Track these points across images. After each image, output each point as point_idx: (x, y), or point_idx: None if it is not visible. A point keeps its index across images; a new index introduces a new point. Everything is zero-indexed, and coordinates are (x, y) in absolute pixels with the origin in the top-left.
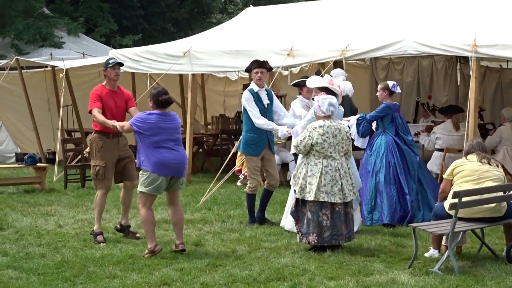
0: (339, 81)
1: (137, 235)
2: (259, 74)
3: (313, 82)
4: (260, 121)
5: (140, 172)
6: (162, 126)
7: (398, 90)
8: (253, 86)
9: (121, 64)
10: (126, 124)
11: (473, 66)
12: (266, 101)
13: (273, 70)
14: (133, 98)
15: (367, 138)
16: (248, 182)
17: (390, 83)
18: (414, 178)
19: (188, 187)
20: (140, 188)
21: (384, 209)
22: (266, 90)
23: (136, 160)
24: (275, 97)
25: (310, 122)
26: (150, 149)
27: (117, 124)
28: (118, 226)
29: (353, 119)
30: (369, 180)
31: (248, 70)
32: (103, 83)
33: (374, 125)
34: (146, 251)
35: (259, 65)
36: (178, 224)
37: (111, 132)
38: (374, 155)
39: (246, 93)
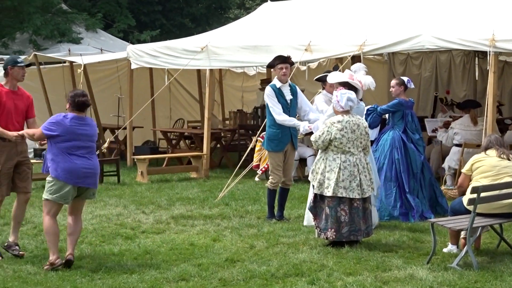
0: (360, 75)
1: (21, 253)
2: (284, 70)
3: (334, 77)
4: (282, 118)
5: (47, 178)
6: (77, 132)
7: (412, 85)
8: (275, 81)
9: (28, 66)
10: (37, 131)
11: (491, 61)
12: (289, 96)
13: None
14: (33, 105)
15: (376, 129)
16: (270, 177)
17: (405, 79)
18: (416, 177)
19: (206, 182)
20: (45, 195)
21: (381, 206)
22: (290, 85)
23: (42, 165)
24: (300, 93)
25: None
26: (61, 154)
27: (24, 132)
28: (6, 244)
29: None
30: None
31: (271, 65)
32: (3, 83)
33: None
34: (47, 263)
35: (284, 60)
36: (73, 235)
37: None
38: (379, 150)
39: (268, 89)
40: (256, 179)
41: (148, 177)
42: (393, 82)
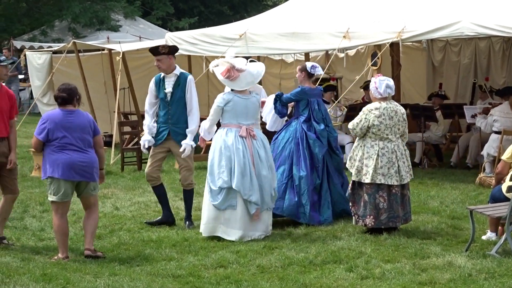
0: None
1: (12, 245)
2: (156, 62)
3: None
4: (146, 119)
5: (48, 181)
6: (66, 126)
7: (318, 72)
8: None
9: (12, 63)
10: (32, 142)
11: None
12: (169, 88)
13: (329, 53)
14: (16, 105)
15: (281, 120)
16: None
17: (309, 64)
18: (318, 170)
19: None
20: (49, 197)
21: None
22: (178, 76)
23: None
24: (189, 86)
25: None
26: (53, 153)
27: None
28: None
29: (269, 100)
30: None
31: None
32: None
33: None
34: (56, 257)
35: (154, 52)
36: (87, 228)
37: None
38: (277, 143)
39: (152, 80)
40: None
41: None
42: (297, 68)
